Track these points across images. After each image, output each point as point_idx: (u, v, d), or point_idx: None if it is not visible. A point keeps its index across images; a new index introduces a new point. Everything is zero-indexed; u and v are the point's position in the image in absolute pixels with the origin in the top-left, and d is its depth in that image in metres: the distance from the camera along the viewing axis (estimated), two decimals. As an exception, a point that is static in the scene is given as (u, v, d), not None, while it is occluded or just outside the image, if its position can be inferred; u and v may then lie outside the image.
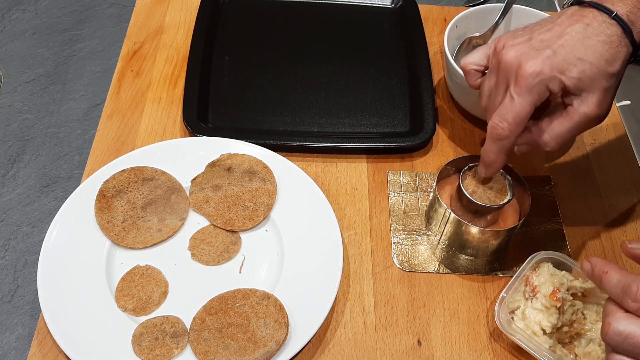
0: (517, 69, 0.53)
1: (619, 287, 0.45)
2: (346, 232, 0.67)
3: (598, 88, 0.53)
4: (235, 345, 0.56)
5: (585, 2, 0.55)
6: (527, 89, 0.53)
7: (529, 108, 0.54)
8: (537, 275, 0.59)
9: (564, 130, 0.55)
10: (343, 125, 0.75)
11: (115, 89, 0.77)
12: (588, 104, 0.54)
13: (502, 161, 0.57)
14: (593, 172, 0.73)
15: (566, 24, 0.54)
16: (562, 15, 0.56)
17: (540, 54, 0.53)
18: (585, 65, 0.52)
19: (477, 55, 0.61)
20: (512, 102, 0.54)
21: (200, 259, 0.63)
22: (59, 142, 0.73)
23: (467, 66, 0.61)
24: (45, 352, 0.57)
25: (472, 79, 0.62)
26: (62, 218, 0.63)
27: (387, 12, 0.88)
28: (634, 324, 0.44)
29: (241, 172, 0.67)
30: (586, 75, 0.53)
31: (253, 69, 0.80)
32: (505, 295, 0.59)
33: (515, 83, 0.53)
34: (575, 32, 0.53)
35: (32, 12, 0.87)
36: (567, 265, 0.60)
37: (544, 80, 0.53)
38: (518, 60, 0.54)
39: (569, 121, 0.55)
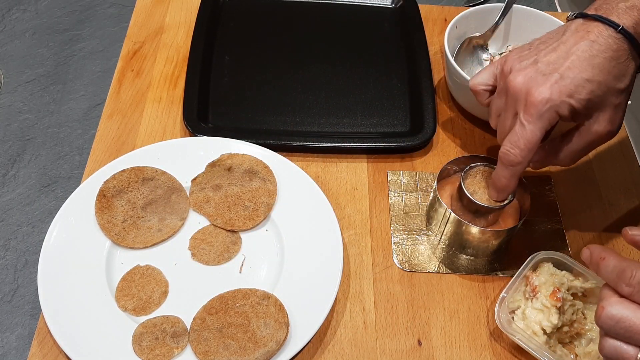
0: (527, 96, 0.53)
1: (614, 273, 0.46)
2: (346, 232, 0.67)
3: (608, 105, 0.53)
4: (236, 345, 0.56)
5: (589, 16, 0.54)
6: (537, 116, 0.53)
7: (539, 134, 0.54)
8: (537, 275, 0.59)
9: (578, 148, 0.56)
10: (343, 125, 0.75)
11: (116, 89, 0.77)
12: (599, 122, 0.54)
13: (514, 186, 0.58)
14: (593, 172, 0.73)
15: (571, 41, 0.54)
16: (567, 32, 0.55)
17: (548, 79, 0.53)
18: (594, 86, 0.52)
19: (485, 75, 0.61)
20: (523, 129, 0.54)
21: (201, 259, 0.63)
22: (59, 142, 0.73)
23: (476, 87, 0.61)
24: (46, 352, 0.57)
25: (482, 98, 0.62)
26: (62, 218, 0.63)
27: (387, 12, 0.88)
28: (627, 308, 0.44)
29: (241, 172, 0.67)
30: (595, 95, 0.52)
31: (253, 69, 0.80)
32: (506, 295, 0.59)
33: (525, 110, 0.53)
34: (582, 51, 0.53)
35: (32, 12, 0.87)
36: (568, 265, 0.60)
37: (554, 106, 0.53)
38: (527, 86, 0.53)
39: (582, 140, 0.56)
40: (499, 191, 0.59)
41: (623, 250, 0.67)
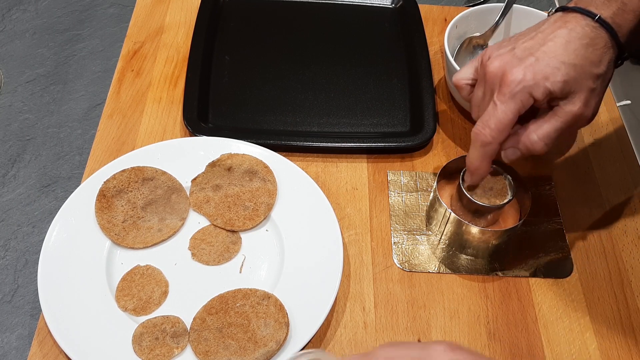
0: (501, 77, 0.54)
1: None
2: (346, 232, 0.67)
3: (584, 88, 0.54)
4: (236, 345, 0.56)
5: (568, 8, 0.55)
6: (510, 96, 0.54)
7: (511, 115, 0.54)
8: None
9: (551, 129, 0.56)
10: (343, 125, 0.75)
11: (116, 89, 0.77)
12: (574, 102, 0.54)
13: (487, 168, 0.58)
14: (593, 172, 0.73)
15: (549, 30, 0.55)
16: (546, 23, 0.56)
17: (523, 62, 0.54)
18: (569, 68, 0.53)
19: (467, 69, 0.62)
20: (495, 108, 0.54)
21: (201, 259, 0.63)
22: (59, 142, 0.73)
23: (459, 81, 0.62)
24: (46, 352, 0.57)
25: (465, 93, 0.62)
26: (62, 218, 0.63)
27: (387, 12, 0.88)
28: None
29: (241, 172, 0.67)
30: (571, 77, 0.53)
31: (253, 69, 0.80)
32: None
33: (499, 91, 0.54)
34: (559, 37, 0.54)
35: (32, 12, 0.87)
36: None
37: (527, 87, 0.53)
38: (502, 69, 0.54)
39: (555, 120, 0.55)
40: (472, 173, 0.59)
41: (623, 250, 0.67)
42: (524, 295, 0.63)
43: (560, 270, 0.65)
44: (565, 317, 0.62)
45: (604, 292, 0.64)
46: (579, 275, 0.65)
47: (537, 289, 0.64)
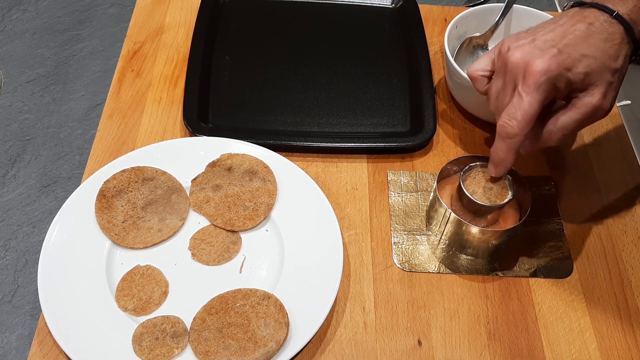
0: (525, 68, 0.54)
1: None
2: (346, 232, 0.67)
3: (603, 81, 0.55)
4: (236, 345, 0.56)
5: (586, 3, 0.57)
6: (535, 87, 0.54)
7: (537, 106, 0.55)
8: None
9: (569, 120, 0.57)
10: (343, 125, 0.75)
11: (116, 89, 0.77)
12: (594, 94, 0.55)
13: (512, 160, 0.58)
14: (593, 172, 0.73)
15: (568, 24, 0.56)
16: (564, 17, 0.57)
17: (545, 53, 0.54)
18: (590, 60, 0.54)
19: (483, 61, 0.62)
20: (520, 100, 0.55)
21: (201, 259, 0.63)
22: (59, 142, 0.73)
23: (474, 73, 0.62)
24: (46, 352, 0.57)
25: (480, 85, 0.62)
26: (62, 218, 0.63)
27: (387, 12, 0.88)
28: None
29: (241, 172, 0.67)
30: (592, 70, 0.54)
31: (253, 69, 0.80)
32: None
33: (523, 82, 0.55)
34: (579, 31, 0.55)
35: (32, 12, 0.87)
36: None
37: (552, 78, 0.54)
38: (525, 60, 0.55)
39: (574, 112, 0.56)
40: (496, 165, 0.59)
41: (623, 250, 0.67)
42: (524, 296, 0.63)
43: (560, 270, 0.65)
44: (565, 317, 0.62)
45: (604, 292, 0.64)
46: (579, 275, 0.65)
47: (537, 289, 0.64)
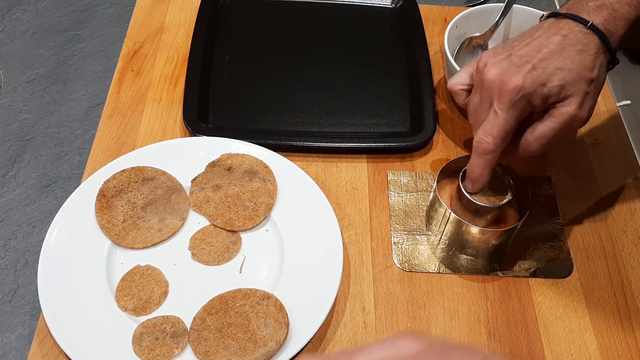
0: (500, 86, 0.55)
1: None
2: (346, 232, 0.67)
3: (580, 91, 0.55)
4: (236, 345, 0.56)
5: (561, 15, 0.57)
6: (510, 104, 0.54)
7: (512, 122, 0.55)
8: None
9: (547, 129, 0.57)
10: (343, 125, 0.75)
11: (116, 89, 0.77)
12: (570, 104, 0.55)
13: (488, 176, 0.59)
14: (593, 172, 0.73)
15: (544, 37, 0.56)
16: (540, 29, 0.57)
17: (520, 69, 0.54)
18: (565, 73, 0.54)
19: (462, 75, 0.62)
20: (496, 117, 0.55)
21: (201, 259, 0.63)
22: (59, 142, 0.73)
23: (454, 87, 0.63)
24: (46, 352, 0.57)
25: (460, 98, 0.63)
26: (62, 218, 0.63)
27: (387, 12, 0.88)
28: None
29: (241, 172, 0.67)
30: (567, 81, 0.54)
31: (253, 69, 0.80)
32: None
33: (498, 99, 0.55)
34: (553, 44, 0.55)
35: (32, 12, 0.87)
36: None
37: (526, 95, 0.54)
38: (500, 77, 0.55)
39: (551, 121, 0.56)
40: (474, 181, 0.59)
41: (623, 250, 0.67)
42: (524, 295, 0.63)
43: (560, 270, 0.65)
44: (565, 317, 0.62)
45: (604, 292, 0.64)
46: (579, 275, 0.65)
47: (537, 289, 0.64)
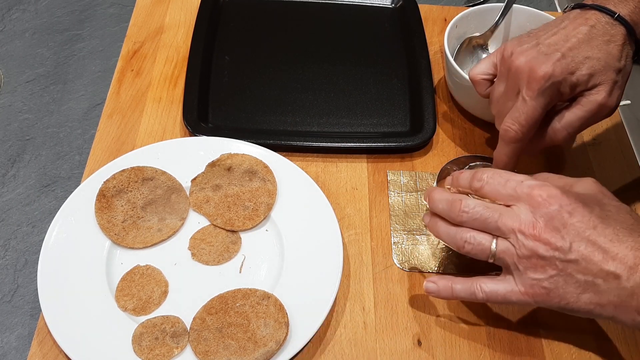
0: (529, 73, 0.55)
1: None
2: (346, 232, 0.67)
3: (608, 79, 0.55)
4: (236, 345, 0.56)
5: (587, 5, 0.57)
6: (539, 91, 0.54)
7: (540, 110, 0.55)
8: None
9: (574, 117, 0.57)
10: (343, 125, 0.75)
11: (115, 88, 0.77)
12: (599, 92, 0.56)
13: (514, 164, 0.59)
14: (593, 172, 0.73)
15: (571, 27, 0.56)
16: (566, 20, 0.58)
17: (550, 57, 0.55)
18: (594, 62, 0.55)
19: (484, 64, 0.62)
20: (524, 104, 0.55)
21: (201, 259, 0.63)
22: (59, 142, 0.73)
23: (476, 76, 0.63)
24: (46, 352, 0.57)
25: (482, 88, 0.63)
26: (62, 218, 0.63)
27: (387, 12, 0.88)
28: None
29: (241, 172, 0.67)
30: (596, 70, 0.55)
31: (253, 69, 0.80)
32: None
33: (527, 86, 0.55)
34: (581, 34, 0.56)
35: (32, 12, 0.87)
36: None
37: (556, 82, 0.54)
38: (529, 64, 0.55)
39: (579, 109, 0.57)
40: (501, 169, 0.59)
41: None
42: (524, 295, 0.63)
43: (560, 270, 0.65)
44: (565, 317, 0.62)
45: (604, 292, 0.64)
46: (579, 275, 0.65)
47: (537, 289, 0.64)
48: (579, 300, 0.50)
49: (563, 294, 0.50)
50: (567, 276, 0.50)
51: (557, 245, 0.49)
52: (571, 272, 0.49)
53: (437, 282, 0.56)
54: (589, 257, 0.49)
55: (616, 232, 0.49)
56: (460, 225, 0.54)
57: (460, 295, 0.55)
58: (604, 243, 0.49)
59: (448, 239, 0.55)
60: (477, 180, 0.54)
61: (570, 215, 0.50)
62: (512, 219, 0.51)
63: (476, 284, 0.54)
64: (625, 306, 0.49)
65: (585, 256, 0.49)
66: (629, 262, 0.48)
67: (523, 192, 0.51)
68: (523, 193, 0.51)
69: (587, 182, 0.55)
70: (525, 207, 0.51)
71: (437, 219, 0.56)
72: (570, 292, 0.50)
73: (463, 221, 0.53)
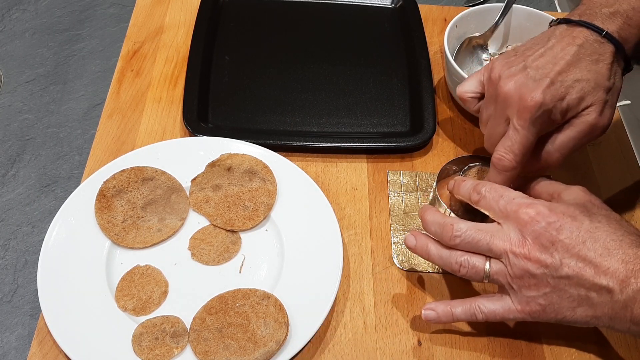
0: (519, 101, 0.54)
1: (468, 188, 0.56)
2: (346, 232, 0.67)
3: (599, 100, 0.55)
4: (235, 345, 0.56)
5: (574, 21, 0.56)
6: (531, 121, 0.54)
7: (532, 138, 0.55)
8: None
9: (567, 139, 0.57)
10: (343, 125, 0.75)
11: (115, 88, 0.77)
12: (590, 113, 0.55)
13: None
14: (593, 172, 0.73)
15: (558, 47, 0.55)
16: (552, 37, 0.57)
17: (539, 84, 0.54)
18: (583, 84, 0.54)
19: (471, 82, 0.62)
20: (516, 133, 0.55)
21: (200, 259, 0.63)
22: (59, 142, 0.73)
23: (463, 94, 0.62)
24: (45, 352, 0.57)
25: (471, 105, 0.63)
26: (62, 218, 0.63)
27: (387, 12, 0.88)
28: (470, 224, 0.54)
29: (241, 172, 0.67)
30: (586, 92, 0.54)
31: (253, 69, 0.80)
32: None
33: (518, 115, 0.54)
34: (569, 55, 0.55)
35: (32, 12, 0.87)
36: None
37: (546, 111, 0.54)
38: (519, 92, 0.54)
39: (571, 130, 0.56)
40: None
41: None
42: (524, 295, 0.63)
43: (560, 270, 0.65)
44: (565, 317, 0.62)
45: (604, 292, 0.64)
46: (579, 275, 0.65)
47: (537, 289, 0.64)
48: (574, 313, 0.51)
49: (558, 309, 0.51)
50: (560, 292, 0.50)
51: (547, 262, 0.50)
52: (564, 287, 0.50)
53: (435, 308, 0.56)
54: (580, 273, 0.49)
55: (606, 245, 0.50)
56: (453, 248, 0.54)
57: (460, 318, 0.56)
58: (595, 258, 0.49)
59: (440, 261, 0.56)
60: (477, 193, 0.55)
61: (558, 232, 0.50)
62: (503, 240, 0.52)
63: (475, 305, 0.55)
64: (620, 317, 0.49)
65: (577, 272, 0.49)
66: (620, 275, 0.48)
67: (512, 209, 0.52)
68: (512, 211, 0.52)
69: (576, 190, 0.55)
70: (513, 225, 0.52)
71: (427, 240, 0.57)
72: (566, 307, 0.51)
73: (456, 244, 0.54)
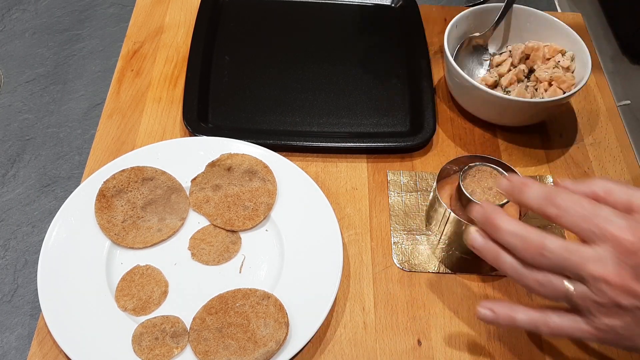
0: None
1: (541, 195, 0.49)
2: (346, 232, 0.67)
3: None
4: (235, 345, 0.56)
5: None
6: None
7: None
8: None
9: None
10: (343, 125, 0.75)
11: (115, 88, 0.77)
12: None
13: None
14: (593, 172, 0.73)
15: None
16: None
17: None
18: None
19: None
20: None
21: (200, 259, 0.63)
22: (59, 142, 0.73)
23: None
24: (45, 352, 0.57)
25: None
26: (62, 218, 0.63)
27: (387, 12, 0.88)
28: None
29: (241, 172, 0.67)
30: None
31: (253, 69, 0.80)
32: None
33: None
34: None
35: (32, 12, 0.87)
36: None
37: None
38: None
39: None
40: None
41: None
42: (524, 296, 0.63)
43: (560, 270, 0.65)
44: (565, 317, 0.62)
45: (604, 292, 0.64)
46: (579, 275, 0.65)
47: (537, 289, 0.64)
48: None
49: (633, 337, 0.47)
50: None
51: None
52: None
53: (495, 309, 0.51)
54: None
55: None
56: (534, 265, 0.48)
57: (521, 326, 0.51)
58: None
59: (515, 275, 0.50)
60: (554, 207, 0.48)
61: None
62: (597, 266, 0.46)
63: (543, 318, 0.50)
64: None
65: None
66: None
67: (609, 231, 0.46)
68: (609, 233, 0.46)
69: None
70: (610, 251, 0.46)
71: (497, 248, 0.51)
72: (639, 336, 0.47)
73: (541, 264, 0.48)
